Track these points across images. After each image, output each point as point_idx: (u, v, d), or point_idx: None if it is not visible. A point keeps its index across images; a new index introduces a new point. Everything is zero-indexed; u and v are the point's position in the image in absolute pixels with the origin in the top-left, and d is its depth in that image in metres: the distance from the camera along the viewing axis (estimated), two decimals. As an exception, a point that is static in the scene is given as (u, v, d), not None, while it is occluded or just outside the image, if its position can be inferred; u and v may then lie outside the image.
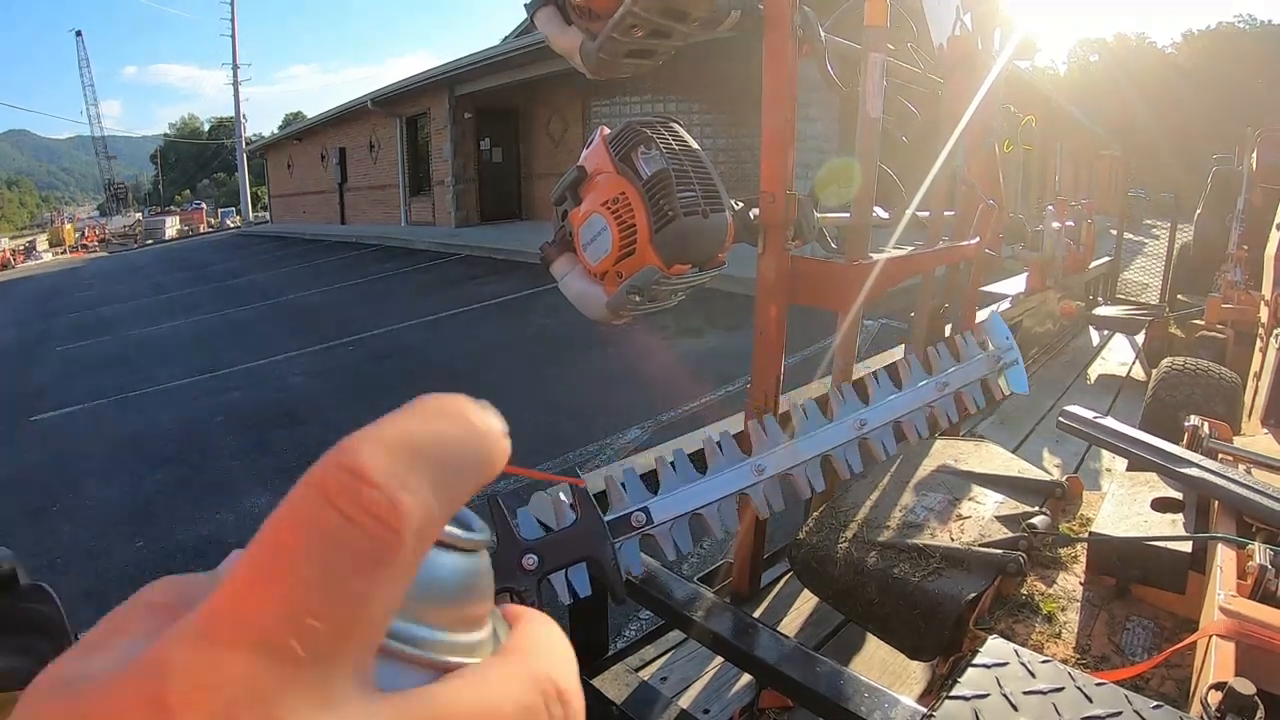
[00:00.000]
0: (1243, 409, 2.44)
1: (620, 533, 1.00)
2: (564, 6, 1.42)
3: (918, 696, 1.36)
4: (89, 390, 6.27)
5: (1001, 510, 1.49)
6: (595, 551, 0.93)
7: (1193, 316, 3.94)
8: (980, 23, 1.98)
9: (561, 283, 1.42)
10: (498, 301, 8.32)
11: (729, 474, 1.23)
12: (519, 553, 0.90)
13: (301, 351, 6.88)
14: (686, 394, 4.63)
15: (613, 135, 1.31)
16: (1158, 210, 14.87)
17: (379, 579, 0.15)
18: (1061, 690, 0.82)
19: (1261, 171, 4.39)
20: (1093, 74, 36.59)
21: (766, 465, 1.25)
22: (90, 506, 3.85)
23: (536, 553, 0.91)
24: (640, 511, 1.03)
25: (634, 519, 1.02)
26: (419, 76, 14.02)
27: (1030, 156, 13.37)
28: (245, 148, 35.12)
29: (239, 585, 0.15)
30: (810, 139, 7.82)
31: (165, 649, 0.14)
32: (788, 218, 1.41)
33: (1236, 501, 1.29)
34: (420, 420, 0.17)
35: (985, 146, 2.11)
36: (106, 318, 10.40)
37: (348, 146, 18.20)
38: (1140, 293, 7.09)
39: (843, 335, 1.56)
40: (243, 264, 15.40)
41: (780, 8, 1.33)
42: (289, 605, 0.14)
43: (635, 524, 1.02)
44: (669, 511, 1.09)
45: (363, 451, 0.16)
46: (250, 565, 0.15)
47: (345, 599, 0.15)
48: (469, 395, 0.20)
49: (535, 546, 0.91)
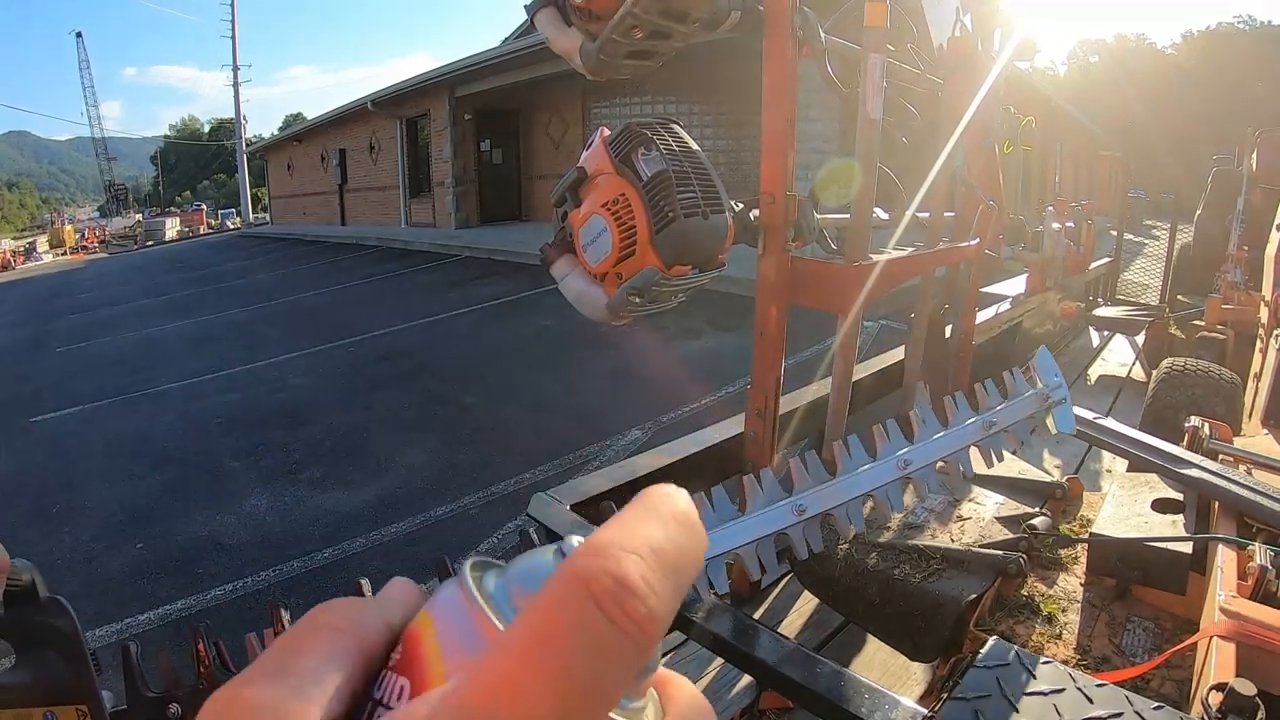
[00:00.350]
0: (1243, 410, 2.44)
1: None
2: (564, 8, 1.42)
3: (918, 698, 1.35)
4: (89, 391, 6.27)
5: (1002, 511, 1.49)
6: None
7: (1193, 317, 3.94)
8: (980, 23, 1.98)
9: (562, 284, 1.42)
10: (498, 303, 8.32)
11: (768, 514, 1.22)
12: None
13: (301, 353, 6.88)
14: (687, 395, 4.63)
15: (613, 136, 1.31)
16: (1158, 211, 14.88)
17: (629, 677, 0.17)
18: (1062, 691, 0.82)
19: (1261, 172, 4.40)
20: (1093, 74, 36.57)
21: (809, 505, 1.23)
22: (90, 507, 3.85)
23: None
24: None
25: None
26: (419, 78, 14.02)
27: (1030, 157, 13.36)
28: (245, 149, 35.15)
29: (511, 671, 0.16)
30: (810, 140, 7.82)
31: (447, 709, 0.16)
32: (788, 219, 1.41)
33: (1237, 502, 1.29)
34: (661, 527, 0.19)
35: (985, 147, 2.11)
36: (107, 319, 10.40)
37: (348, 148, 18.20)
38: (1140, 293, 7.08)
39: (843, 336, 1.56)
40: (243, 265, 15.40)
41: (780, 9, 1.34)
42: (560, 701, 0.15)
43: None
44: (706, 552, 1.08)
45: (625, 561, 0.17)
46: (521, 654, 0.16)
47: (604, 698, 0.16)
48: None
49: None
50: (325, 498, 3.76)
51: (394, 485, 3.83)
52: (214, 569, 3.14)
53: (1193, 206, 6.01)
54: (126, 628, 2.71)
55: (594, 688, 0.16)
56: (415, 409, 5.05)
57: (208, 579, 3.06)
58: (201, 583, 3.03)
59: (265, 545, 3.32)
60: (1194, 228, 5.67)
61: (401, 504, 3.60)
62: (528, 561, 0.21)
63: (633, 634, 0.16)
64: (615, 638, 0.16)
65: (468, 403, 5.07)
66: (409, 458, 4.17)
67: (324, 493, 3.82)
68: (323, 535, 3.37)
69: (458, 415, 4.83)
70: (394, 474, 3.97)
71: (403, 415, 4.94)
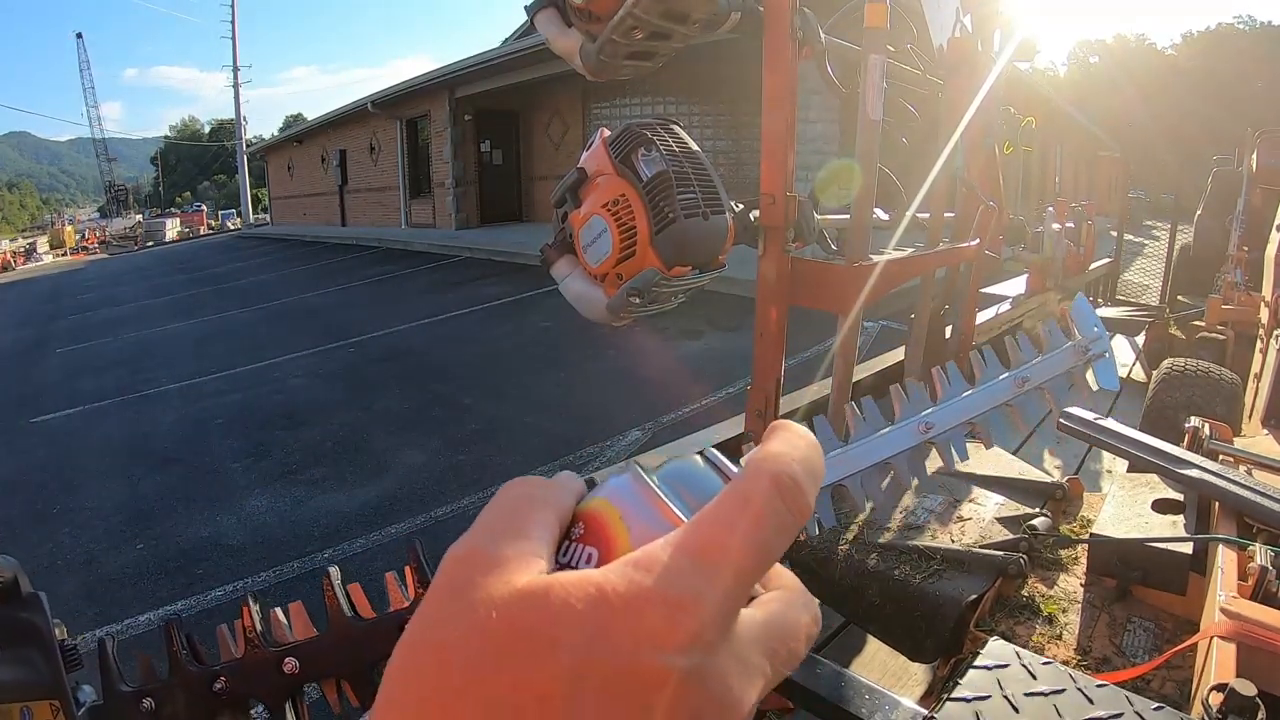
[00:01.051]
0: (1243, 410, 2.44)
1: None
2: (564, 8, 1.42)
3: (919, 698, 1.35)
4: (90, 392, 6.27)
5: (1002, 512, 1.49)
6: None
7: (1193, 318, 3.94)
8: (980, 24, 1.98)
9: (562, 284, 1.42)
10: (498, 304, 8.32)
11: None
12: None
13: (301, 354, 6.88)
14: (687, 396, 4.63)
15: (613, 137, 1.31)
16: (1157, 211, 14.90)
17: (785, 549, 0.23)
18: (1063, 692, 0.82)
19: (1261, 173, 4.39)
20: (1092, 75, 36.60)
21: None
22: (91, 508, 3.85)
23: None
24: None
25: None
26: (419, 78, 14.02)
27: (1030, 158, 13.38)
28: (246, 150, 35.15)
29: (720, 535, 0.22)
30: (810, 141, 7.83)
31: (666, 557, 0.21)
32: (788, 219, 1.41)
33: (1237, 502, 1.29)
34: (807, 447, 0.26)
35: (985, 148, 2.11)
36: (107, 320, 10.41)
37: (348, 148, 18.21)
38: (1140, 294, 7.08)
39: (843, 337, 1.56)
40: (243, 266, 15.41)
41: (780, 9, 1.34)
42: (754, 561, 0.22)
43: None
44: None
45: (793, 466, 0.24)
46: (728, 523, 0.22)
47: (770, 562, 0.23)
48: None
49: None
50: (325, 498, 3.76)
51: (394, 485, 3.83)
52: (214, 569, 3.14)
53: (1193, 207, 6.01)
54: (127, 628, 2.72)
55: (771, 555, 0.23)
56: (415, 410, 5.05)
57: (208, 579, 3.06)
58: (202, 583, 3.03)
59: (265, 545, 3.33)
60: (1194, 228, 5.67)
61: (402, 504, 3.61)
62: (680, 466, 0.26)
63: (797, 518, 0.24)
64: (788, 520, 0.23)
65: (468, 403, 5.07)
66: (409, 458, 4.17)
67: (324, 493, 3.82)
68: (323, 535, 3.37)
69: (458, 416, 4.83)
70: (394, 474, 3.97)
71: (403, 416, 4.95)
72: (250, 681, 0.82)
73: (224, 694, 0.82)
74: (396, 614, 0.82)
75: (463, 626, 0.20)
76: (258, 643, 0.82)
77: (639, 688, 0.20)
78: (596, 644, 0.20)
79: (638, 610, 0.20)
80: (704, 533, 0.22)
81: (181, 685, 0.83)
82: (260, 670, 0.81)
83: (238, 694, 0.83)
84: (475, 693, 0.19)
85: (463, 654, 0.20)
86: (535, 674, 0.19)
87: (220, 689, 0.82)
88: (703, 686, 0.20)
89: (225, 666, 0.83)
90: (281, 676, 0.81)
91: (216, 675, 0.83)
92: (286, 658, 0.81)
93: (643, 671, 0.20)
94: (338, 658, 0.81)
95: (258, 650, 0.82)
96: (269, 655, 0.81)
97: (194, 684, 0.83)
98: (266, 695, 0.82)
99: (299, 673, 0.81)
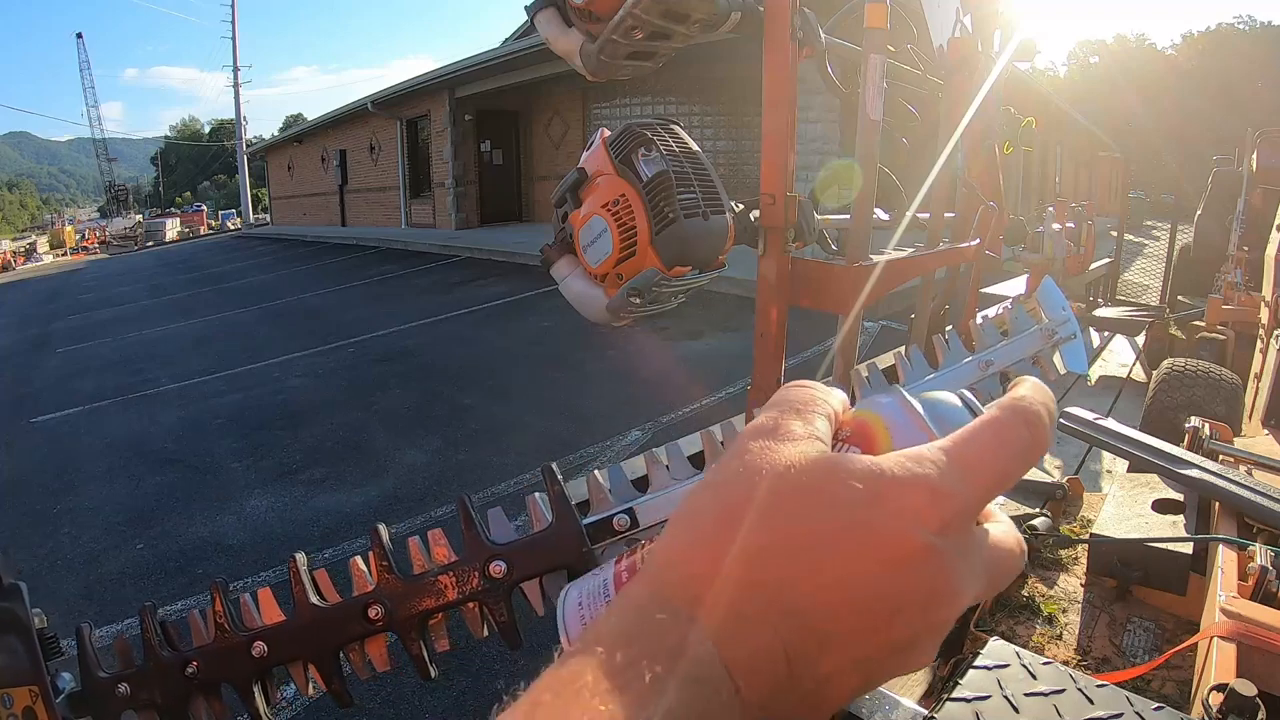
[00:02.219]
0: (1243, 410, 2.44)
1: (600, 538, 0.87)
2: (564, 8, 1.42)
3: (918, 698, 1.35)
4: (90, 392, 6.27)
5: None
6: (571, 558, 0.83)
7: (1193, 318, 3.95)
8: (980, 24, 1.98)
9: (562, 285, 1.42)
10: (498, 304, 8.32)
11: None
12: (485, 558, 0.83)
13: (301, 354, 6.88)
14: (687, 396, 4.63)
15: (613, 137, 1.31)
16: (1157, 211, 14.89)
17: (1021, 476, 0.27)
18: (1063, 692, 0.82)
19: (1261, 173, 4.39)
20: (1093, 75, 36.61)
21: None
22: (91, 508, 3.85)
23: (505, 559, 0.83)
24: (624, 514, 0.89)
25: (616, 522, 0.88)
26: (419, 79, 14.02)
27: (1030, 158, 13.38)
28: (246, 150, 35.14)
29: (980, 446, 0.26)
30: (810, 141, 7.83)
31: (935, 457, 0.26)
32: (788, 220, 1.41)
33: (1237, 503, 1.29)
34: (1048, 396, 0.29)
35: (985, 148, 2.11)
36: (107, 320, 10.41)
37: (348, 148, 18.21)
38: (1140, 294, 7.08)
39: (843, 337, 1.56)
40: (243, 266, 15.41)
41: (780, 9, 1.34)
42: (1002, 474, 0.26)
43: (618, 528, 0.88)
44: (657, 514, 0.94)
45: (1041, 410, 0.28)
46: (985, 441, 0.27)
47: (1012, 480, 0.27)
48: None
49: (503, 552, 0.83)
50: (326, 498, 3.76)
51: (394, 485, 3.83)
52: (214, 569, 3.14)
53: (1193, 207, 6.01)
54: (127, 628, 2.72)
55: (1012, 478, 0.27)
56: (416, 409, 5.05)
57: (208, 579, 3.06)
58: (202, 583, 3.03)
59: (266, 545, 3.33)
60: (1194, 228, 5.67)
61: (402, 504, 3.61)
62: (939, 398, 0.30)
63: (1040, 451, 0.27)
64: (1033, 449, 0.27)
65: (468, 403, 5.06)
66: (409, 458, 4.17)
67: (324, 493, 3.82)
68: (323, 535, 3.37)
69: (458, 415, 4.83)
70: (394, 474, 3.97)
71: (403, 415, 4.94)
72: (221, 665, 0.84)
73: (196, 678, 0.84)
74: (360, 598, 0.83)
75: (761, 478, 0.25)
76: (227, 628, 0.84)
77: (894, 548, 0.24)
78: (869, 508, 0.24)
79: (909, 488, 0.25)
80: (966, 447, 0.26)
81: (156, 670, 0.85)
82: (230, 654, 0.83)
83: (209, 677, 0.84)
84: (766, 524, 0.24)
85: (759, 498, 0.25)
86: (815, 525, 0.24)
87: (192, 673, 0.84)
88: (941, 565, 0.24)
89: (197, 651, 0.85)
90: (250, 660, 0.82)
91: (189, 660, 0.84)
92: (255, 641, 0.82)
93: (901, 537, 0.24)
94: (304, 641, 0.83)
95: (227, 635, 0.83)
96: (238, 640, 0.83)
97: (167, 669, 0.85)
98: (236, 678, 0.84)
99: (267, 656, 0.83)
